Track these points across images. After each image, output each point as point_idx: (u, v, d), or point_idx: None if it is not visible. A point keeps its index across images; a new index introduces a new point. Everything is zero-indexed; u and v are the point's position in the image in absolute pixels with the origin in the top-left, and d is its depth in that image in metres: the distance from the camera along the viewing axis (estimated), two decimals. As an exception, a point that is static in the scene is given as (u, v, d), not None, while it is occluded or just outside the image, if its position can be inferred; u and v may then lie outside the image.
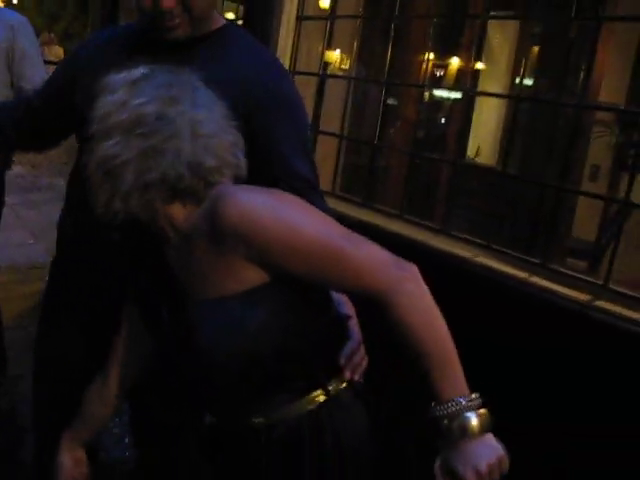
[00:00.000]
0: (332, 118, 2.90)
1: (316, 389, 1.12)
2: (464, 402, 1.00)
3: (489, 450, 1.00)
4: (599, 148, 4.70)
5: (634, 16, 2.16)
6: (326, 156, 2.89)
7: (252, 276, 1.03)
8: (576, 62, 4.18)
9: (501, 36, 5.73)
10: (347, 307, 1.26)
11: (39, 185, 7.41)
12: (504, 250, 2.16)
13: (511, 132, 2.27)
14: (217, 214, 1.00)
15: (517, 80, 5.28)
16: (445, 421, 1.00)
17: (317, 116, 2.85)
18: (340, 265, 1.01)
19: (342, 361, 1.17)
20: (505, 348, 1.96)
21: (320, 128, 2.83)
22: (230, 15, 3.66)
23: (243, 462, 1.17)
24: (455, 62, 4.69)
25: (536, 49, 5.10)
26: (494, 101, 5.31)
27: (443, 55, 4.63)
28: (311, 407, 1.11)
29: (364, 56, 2.93)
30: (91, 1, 5.03)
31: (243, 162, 1.12)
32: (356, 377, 1.18)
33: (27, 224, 5.20)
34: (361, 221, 2.48)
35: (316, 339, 1.11)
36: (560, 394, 1.87)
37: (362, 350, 1.23)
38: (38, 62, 2.73)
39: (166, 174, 1.01)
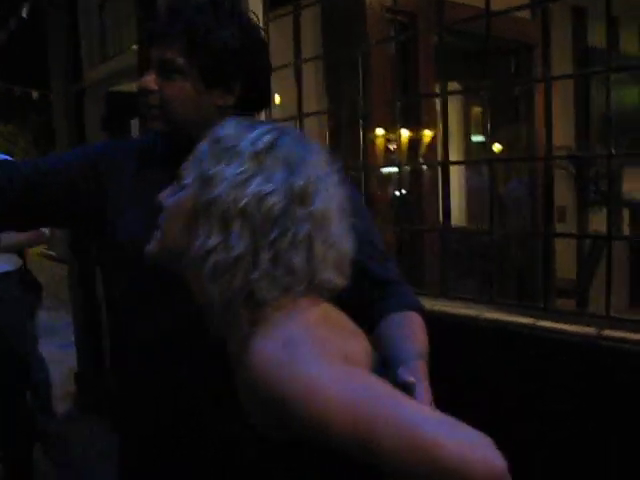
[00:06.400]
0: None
1: None
2: None
3: None
4: (561, 190, 4.95)
5: (578, 74, 2.39)
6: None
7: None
8: (527, 115, 4.48)
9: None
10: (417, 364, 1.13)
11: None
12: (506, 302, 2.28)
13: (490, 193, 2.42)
14: (246, 360, 0.87)
15: (471, 142, 5.59)
16: None
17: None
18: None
19: None
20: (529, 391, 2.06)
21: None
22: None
23: None
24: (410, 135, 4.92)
25: (483, 110, 5.42)
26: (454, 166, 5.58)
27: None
28: None
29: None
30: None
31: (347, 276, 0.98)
32: None
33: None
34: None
35: None
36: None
37: None
38: None
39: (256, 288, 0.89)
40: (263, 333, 0.88)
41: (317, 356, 0.83)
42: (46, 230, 3.04)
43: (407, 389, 1.03)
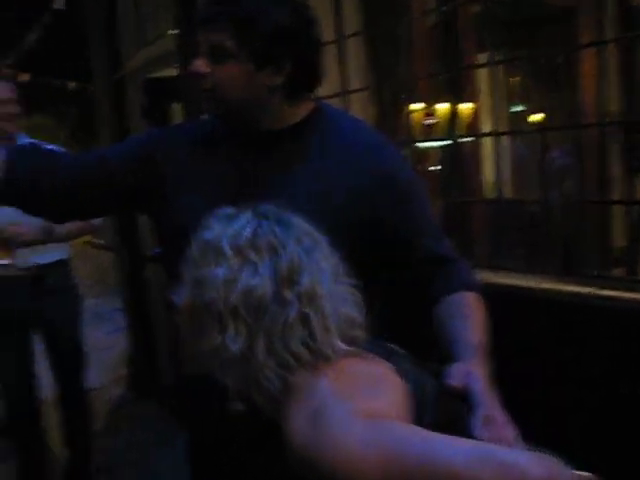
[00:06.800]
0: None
1: None
2: None
3: None
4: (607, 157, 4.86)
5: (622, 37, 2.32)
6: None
7: None
8: (570, 83, 4.38)
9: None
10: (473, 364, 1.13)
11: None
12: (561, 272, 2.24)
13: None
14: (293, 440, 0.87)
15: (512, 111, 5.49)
16: None
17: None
18: None
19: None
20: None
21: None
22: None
23: None
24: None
25: (525, 80, 5.32)
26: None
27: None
28: None
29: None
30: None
31: (361, 337, 0.99)
32: None
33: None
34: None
35: None
36: None
37: (498, 419, 1.00)
38: None
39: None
40: (286, 415, 0.89)
41: (342, 419, 0.84)
42: (97, 220, 3.08)
43: (453, 394, 1.04)
